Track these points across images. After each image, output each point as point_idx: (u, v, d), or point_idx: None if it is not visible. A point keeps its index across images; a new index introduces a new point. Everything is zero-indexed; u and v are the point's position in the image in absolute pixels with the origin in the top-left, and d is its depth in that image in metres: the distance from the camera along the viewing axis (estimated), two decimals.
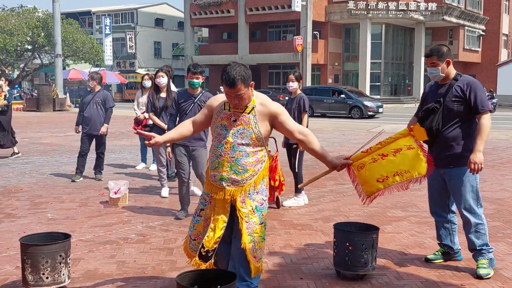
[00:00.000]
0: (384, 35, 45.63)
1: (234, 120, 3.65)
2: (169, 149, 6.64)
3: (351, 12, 42.89)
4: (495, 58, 52.23)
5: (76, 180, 8.78)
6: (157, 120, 7.79)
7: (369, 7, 42.52)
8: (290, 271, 4.61)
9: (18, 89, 46.76)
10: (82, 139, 8.93)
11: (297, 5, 38.82)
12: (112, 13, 57.25)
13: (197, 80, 6.23)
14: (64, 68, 38.88)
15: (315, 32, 42.84)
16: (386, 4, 42.46)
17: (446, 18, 45.30)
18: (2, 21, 37.39)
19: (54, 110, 30.59)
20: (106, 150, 9.35)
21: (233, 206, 3.71)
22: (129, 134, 16.36)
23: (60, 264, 4.04)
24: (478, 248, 4.47)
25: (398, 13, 43.04)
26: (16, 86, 45.78)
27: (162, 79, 7.75)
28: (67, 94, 34.00)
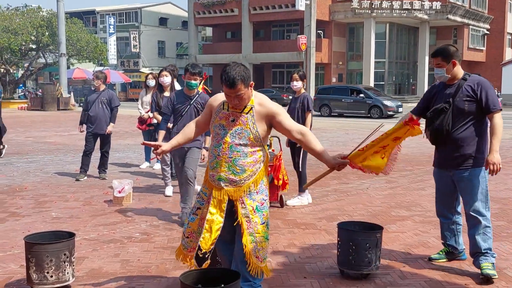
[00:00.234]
0: (388, 34, 45.55)
1: (233, 120, 3.64)
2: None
3: (355, 11, 42.84)
4: (500, 57, 52.07)
5: (81, 179, 8.80)
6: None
7: (373, 6, 42.46)
8: (294, 270, 4.60)
9: (23, 88, 46.92)
10: (87, 138, 8.95)
11: (301, 4, 38.79)
12: (116, 13, 57.34)
13: (195, 82, 6.06)
14: (68, 67, 38.96)
15: (319, 31, 42.79)
16: (390, 3, 42.39)
17: (451, 17, 45.18)
18: (7, 21, 37.46)
19: (59, 109, 30.66)
20: (111, 149, 9.37)
21: (233, 207, 3.71)
22: (133, 133, 16.38)
23: (65, 263, 4.05)
24: (483, 251, 4.38)
25: (402, 12, 42.96)
26: (21, 85, 45.96)
27: (166, 78, 7.76)
28: (71, 93, 34.05)
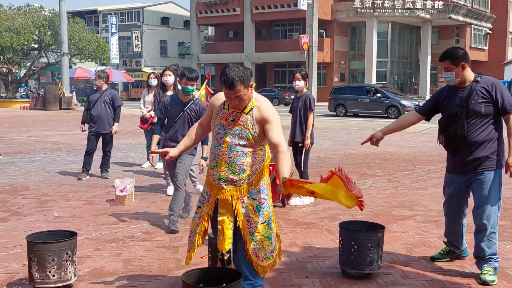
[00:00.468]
0: (390, 34, 45.54)
1: (232, 120, 3.65)
2: (155, 158, 6.36)
3: (357, 11, 42.82)
4: (502, 57, 51.98)
5: (83, 179, 8.81)
6: None
7: (375, 6, 42.43)
8: (296, 270, 4.61)
9: (25, 88, 47.01)
10: (90, 138, 8.95)
11: (303, 4, 38.78)
12: (118, 12, 57.36)
13: (191, 87, 5.86)
14: (71, 67, 38.99)
15: (321, 31, 42.80)
16: (393, 3, 42.37)
17: (453, 17, 45.12)
18: (9, 20, 37.49)
19: (61, 109, 30.70)
20: (113, 149, 9.37)
21: (234, 206, 3.72)
22: (135, 133, 16.40)
23: (67, 262, 4.05)
24: (487, 257, 4.35)
25: (405, 12, 42.93)
26: (23, 85, 46.01)
27: (169, 78, 7.76)
28: (74, 93, 34.10)
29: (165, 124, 6.16)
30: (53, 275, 4.00)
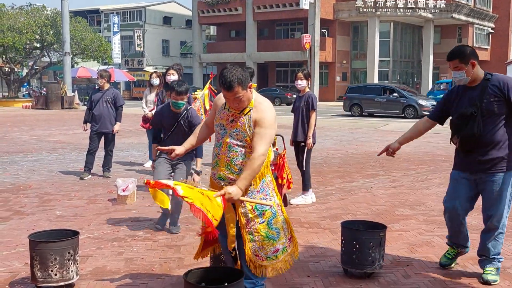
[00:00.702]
0: (393, 33, 45.49)
1: (232, 121, 3.67)
2: (153, 164, 6.08)
3: (359, 10, 42.78)
4: (504, 56, 51.88)
5: (85, 178, 8.82)
6: None
7: (378, 5, 42.40)
8: (298, 269, 4.60)
9: (27, 87, 47.06)
10: (92, 137, 8.96)
11: (305, 3, 38.75)
12: (120, 11, 57.41)
13: (182, 101, 5.61)
14: (73, 66, 39.02)
15: (323, 30, 42.76)
16: (395, 2, 42.32)
17: (455, 16, 45.05)
18: (11, 19, 37.53)
19: (63, 108, 30.72)
20: (115, 148, 9.38)
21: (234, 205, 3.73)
22: (138, 132, 16.41)
23: (69, 261, 4.06)
24: (491, 257, 4.33)
25: (407, 11, 42.88)
26: (25, 84, 46.07)
27: (173, 77, 7.76)
28: (76, 92, 34.14)
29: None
30: (55, 274, 4.01)
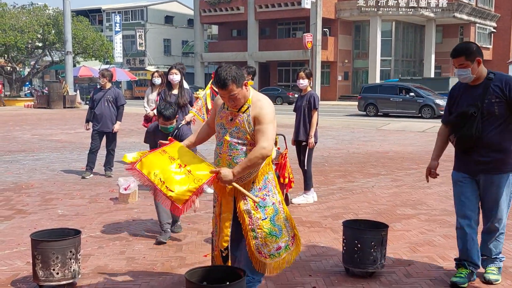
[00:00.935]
0: (394, 32, 45.45)
1: (231, 119, 3.69)
2: None
3: (361, 9, 42.76)
4: (506, 56, 51.82)
5: (86, 177, 8.83)
6: None
7: (379, 4, 42.37)
8: (299, 268, 4.61)
9: (29, 86, 47.09)
10: (93, 136, 8.98)
11: (307, 2, 38.64)
12: (122, 11, 57.47)
13: (171, 125, 5.41)
14: (75, 65, 39.08)
15: (325, 29, 42.70)
16: (396, 1, 42.28)
17: (457, 15, 45.00)
18: (13, 19, 37.59)
19: (65, 107, 30.74)
20: (116, 147, 9.39)
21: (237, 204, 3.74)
22: (139, 131, 16.42)
23: (70, 260, 4.07)
24: (493, 257, 4.30)
25: (409, 10, 42.84)
26: (27, 83, 46.11)
27: (176, 76, 7.76)
28: (77, 91, 34.13)
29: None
30: (57, 273, 4.02)
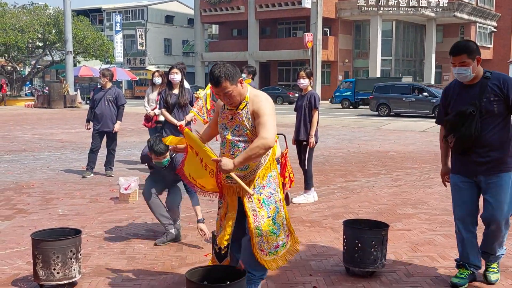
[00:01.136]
0: (395, 32, 45.48)
1: (231, 118, 3.70)
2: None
3: (362, 9, 42.78)
4: (507, 55, 51.84)
5: (87, 176, 8.83)
6: (169, 116, 7.81)
7: (380, 4, 42.38)
8: (300, 268, 4.61)
9: (30, 86, 47.13)
10: (94, 136, 8.98)
11: (307, 2, 38.71)
12: (123, 10, 57.49)
13: (165, 159, 5.12)
14: (75, 65, 39.09)
15: (325, 29, 42.73)
16: (397, 1, 42.31)
17: (458, 15, 45.01)
18: (14, 18, 37.61)
19: (65, 107, 30.76)
20: (117, 147, 9.39)
21: (242, 202, 3.74)
22: (140, 131, 16.42)
23: (71, 260, 4.07)
24: (497, 255, 4.27)
25: (409, 10, 42.86)
26: (28, 83, 46.13)
27: (176, 76, 7.77)
28: (78, 91, 34.15)
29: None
30: (58, 273, 4.02)
